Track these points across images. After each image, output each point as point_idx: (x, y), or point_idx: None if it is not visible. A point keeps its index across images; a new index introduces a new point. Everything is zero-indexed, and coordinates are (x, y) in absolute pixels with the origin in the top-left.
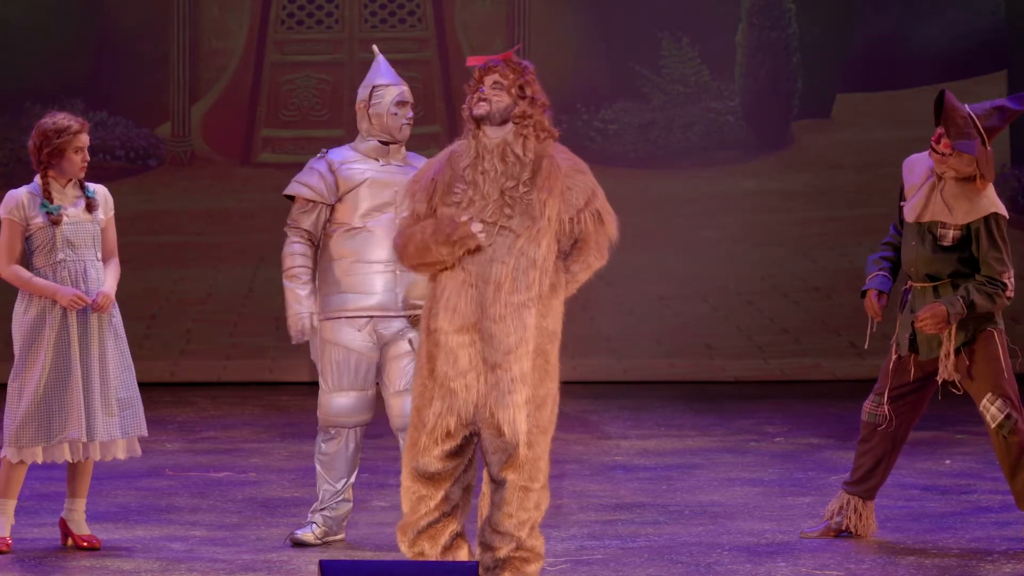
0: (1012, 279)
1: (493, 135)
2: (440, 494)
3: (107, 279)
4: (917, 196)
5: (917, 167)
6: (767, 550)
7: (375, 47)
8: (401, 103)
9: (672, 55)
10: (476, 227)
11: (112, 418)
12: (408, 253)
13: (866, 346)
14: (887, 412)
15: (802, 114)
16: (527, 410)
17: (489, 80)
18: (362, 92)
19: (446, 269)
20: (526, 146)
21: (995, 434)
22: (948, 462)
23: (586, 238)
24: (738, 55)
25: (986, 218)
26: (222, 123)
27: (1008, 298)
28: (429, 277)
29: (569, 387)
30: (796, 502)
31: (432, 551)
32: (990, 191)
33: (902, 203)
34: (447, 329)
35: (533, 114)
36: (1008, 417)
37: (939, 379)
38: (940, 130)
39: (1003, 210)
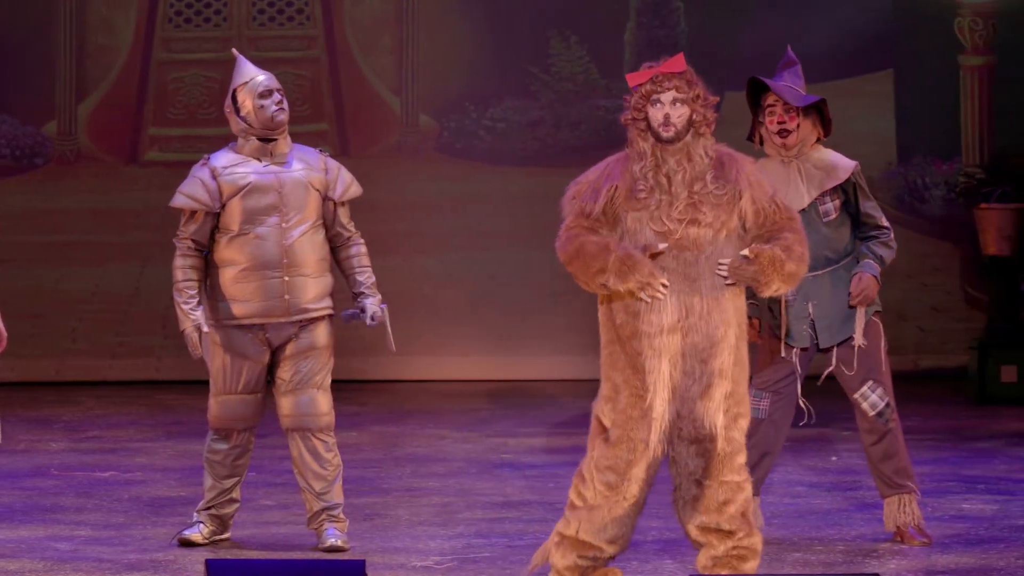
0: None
1: (673, 144)
2: (639, 493)
3: None
4: (790, 188)
5: (768, 171)
6: (653, 547)
7: (234, 50)
8: (263, 94)
9: (561, 53)
10: (663, 281)
11: None
12: (573, 264)
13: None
14: (806, 408)
15: None
16: (726, 405)
17: (668, 97)
18: (227, 98)
19: None
20: (707, 145)
21: (872, 421)
22: (834, 459)
23: (779, 227)
24: (627, 54)
25: (854, 172)
26: (109, 121)
27: (895, 240)
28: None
29: (455, 385)
30: None
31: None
32: (836, 154)
33: None
34: (653, 331)
35: (708, 114)
36: (888, 405)
37: (856, 344)
38: (778, 106)
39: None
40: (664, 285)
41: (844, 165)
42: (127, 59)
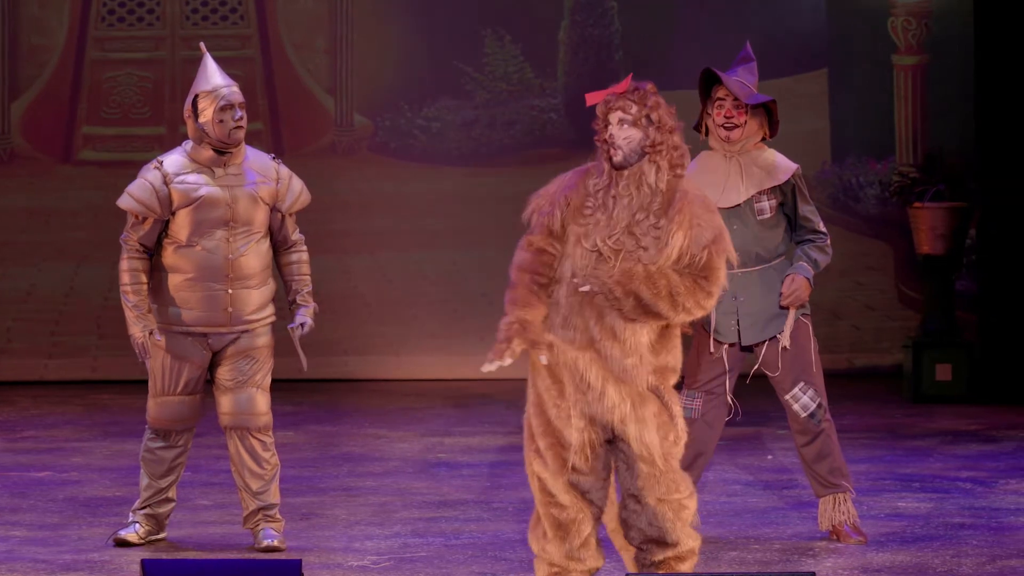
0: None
1: (625, 168)
2: (591, 507)
3: None
4: (728, 183)
5: (708, 165)
6: None
7: (202, 44)
8: (225, 108)
9: (495, 53)
10: (506, 362)
11: None
12: (507, 291)
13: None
14: (733, 404)
15: None
16: (657, 423)
17: (614, 118)
18: (187, 100)
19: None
20: (659, 176)
21: (804, 423)
22: (770, 457)
23: (704, 275)
24: (560, 53)
25: (794, 175)
26: (42, 120)
27: (830, 246)
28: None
29: (390, 384)
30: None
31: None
32: (779, 155)
33: None
34: (565, 346)
35: (664, 140)
36: (820, 407)
37: (782, 346)
38: (728, 101)
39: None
40: (544, 356)
41: (785, 167)
42: (60, 58)
